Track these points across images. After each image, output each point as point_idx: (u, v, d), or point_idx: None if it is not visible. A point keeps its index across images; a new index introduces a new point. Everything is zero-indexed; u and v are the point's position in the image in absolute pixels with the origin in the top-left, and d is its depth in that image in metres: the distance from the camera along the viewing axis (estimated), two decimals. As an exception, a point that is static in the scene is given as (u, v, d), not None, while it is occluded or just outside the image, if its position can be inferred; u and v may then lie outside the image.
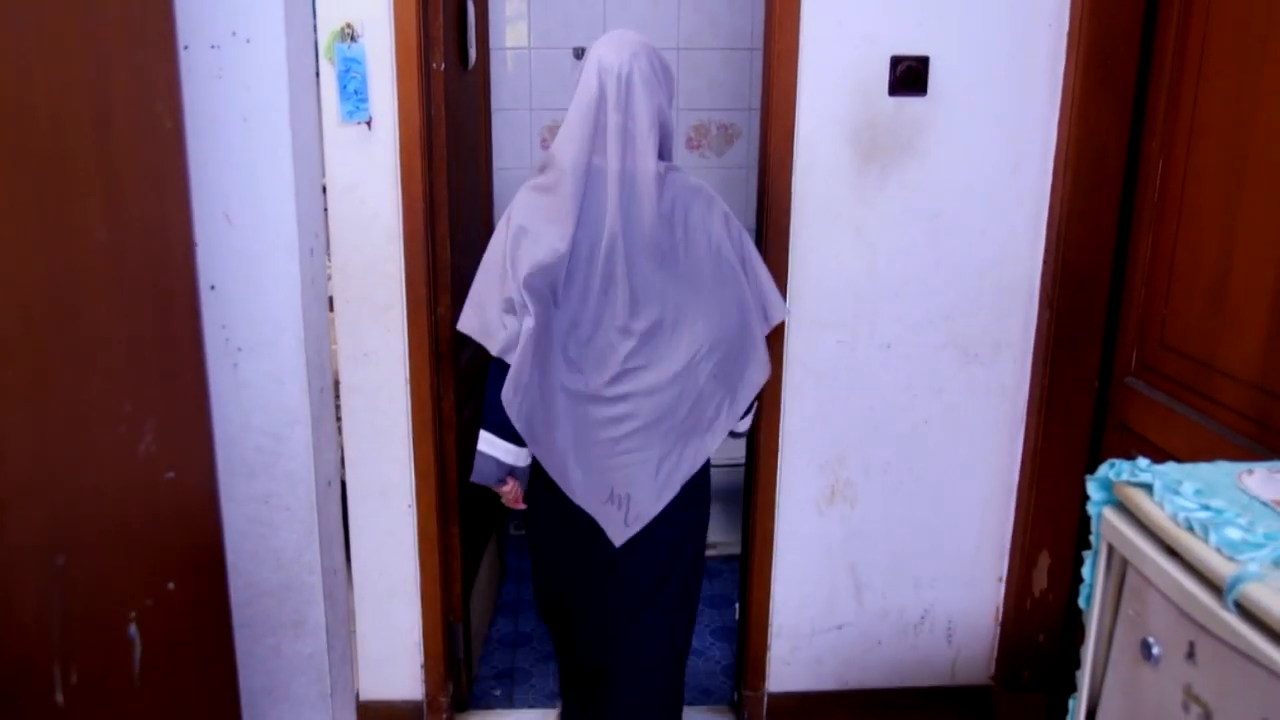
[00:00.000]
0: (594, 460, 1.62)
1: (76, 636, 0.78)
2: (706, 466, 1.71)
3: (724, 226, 1.63)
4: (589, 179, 1.55)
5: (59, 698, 0.75)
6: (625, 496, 1.63)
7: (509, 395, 1.55)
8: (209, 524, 1.06)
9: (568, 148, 1.55)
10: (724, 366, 1.65)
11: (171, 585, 0.96)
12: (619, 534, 1.65)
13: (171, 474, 0.96)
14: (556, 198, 1.55)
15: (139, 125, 0.91)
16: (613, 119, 1.53)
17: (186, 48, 1.11)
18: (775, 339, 1.94)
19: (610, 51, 1.54)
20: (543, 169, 1.60)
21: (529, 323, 1.53)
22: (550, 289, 1.56)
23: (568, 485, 1.63)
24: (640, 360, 1.60)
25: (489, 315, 1.62)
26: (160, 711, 0.94)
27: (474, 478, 1.66)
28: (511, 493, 1.67)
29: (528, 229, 1.56)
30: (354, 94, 1.74)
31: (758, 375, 1.70)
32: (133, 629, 0.88)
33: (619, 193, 1.54)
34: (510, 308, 1.57)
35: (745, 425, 1.77)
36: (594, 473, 1.62)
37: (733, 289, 1.63)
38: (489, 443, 1.62)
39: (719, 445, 1.69)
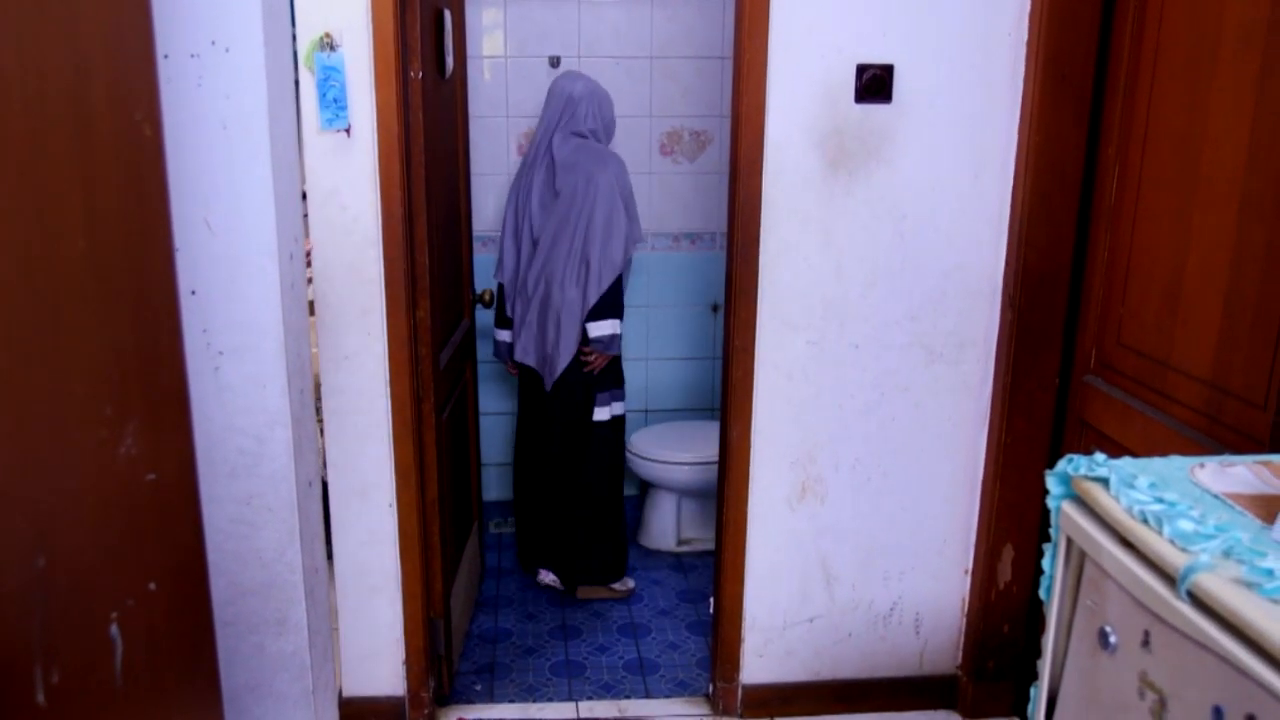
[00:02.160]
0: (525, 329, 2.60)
1: (57, 637, 0.78)
2: (576, 362, 2.55)
3: (613, 178, 2.47)
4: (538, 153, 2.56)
5: (40, 698, 0.75)
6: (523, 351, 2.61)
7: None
8: (190, 525, 1.07)
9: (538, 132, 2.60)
10: (576, 270, 2.49)
11: (153, 586, 0.97)
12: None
13: (152, 475, 0.97)
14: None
15: (118, 133, 0.92)
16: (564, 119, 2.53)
17: (166, 56, 1.12)
18: (746, 340, 1.98)
19: (564, 80, 2.56)
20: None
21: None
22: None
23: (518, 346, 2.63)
24: (536, 266, 2.53)
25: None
26: (142, 711, 0.95)
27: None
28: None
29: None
30: (333, 102, 1.75)
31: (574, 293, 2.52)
32: (114, 629, 0.88)
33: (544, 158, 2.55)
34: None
35: (592, 330, 2.51)
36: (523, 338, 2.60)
37: (599, 215, 2.45)
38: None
39: (578, 333, 2.51)
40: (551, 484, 2.70)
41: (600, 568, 2.71)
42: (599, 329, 2.51)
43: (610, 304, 2.50)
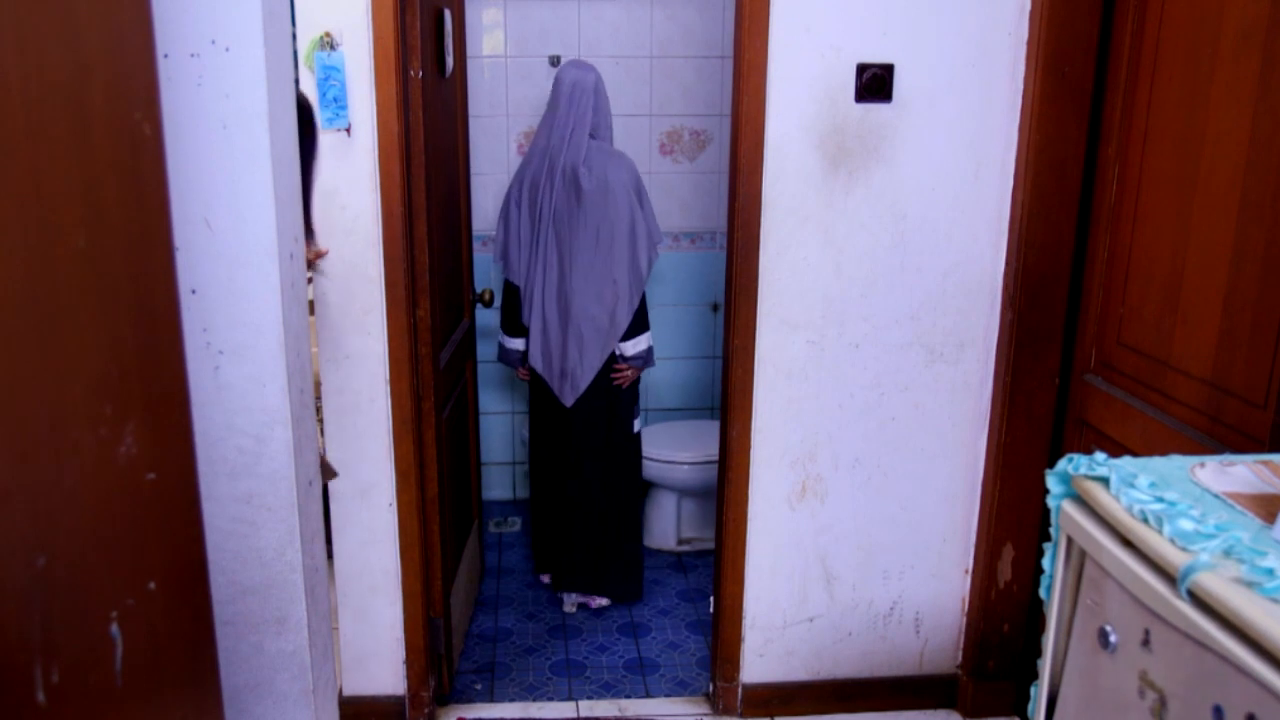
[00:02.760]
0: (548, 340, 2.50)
1: (58, 636, 0.78)
2: (606, 371, 2.50)
3: (629, 176, 2.41)
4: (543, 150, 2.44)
5: (40, 697, 0.75)
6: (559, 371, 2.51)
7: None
8: (190, 524, 1.07)
9: (540, 130, 2.48)
10: (599, 286, 2.41)
11: (153, 585, 0.97)
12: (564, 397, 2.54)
13: (152, 475, 0.97)
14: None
15: (118, 132, 0.92)
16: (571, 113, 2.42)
17: (166, 56, 1.12)
18: (746, 339, 1.98)
19: (575, 71, 2.44)
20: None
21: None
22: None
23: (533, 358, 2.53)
24: (554, 277, 2.44)
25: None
26: (142, 710, 0.95)
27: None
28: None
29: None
30: (333, 101, 1.76)
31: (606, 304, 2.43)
32: (114, 628, 0.88)
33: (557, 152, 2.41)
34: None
35: (629, 349, 2.48)
36: (546, 351, 2.51)
37: (621, 226, 2.38)
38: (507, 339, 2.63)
39: (604, 354, 2.45)
40: (591, 503, 2.58)
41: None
42: (635, 345, 2.48)
43: (641, 318, 2.47)
